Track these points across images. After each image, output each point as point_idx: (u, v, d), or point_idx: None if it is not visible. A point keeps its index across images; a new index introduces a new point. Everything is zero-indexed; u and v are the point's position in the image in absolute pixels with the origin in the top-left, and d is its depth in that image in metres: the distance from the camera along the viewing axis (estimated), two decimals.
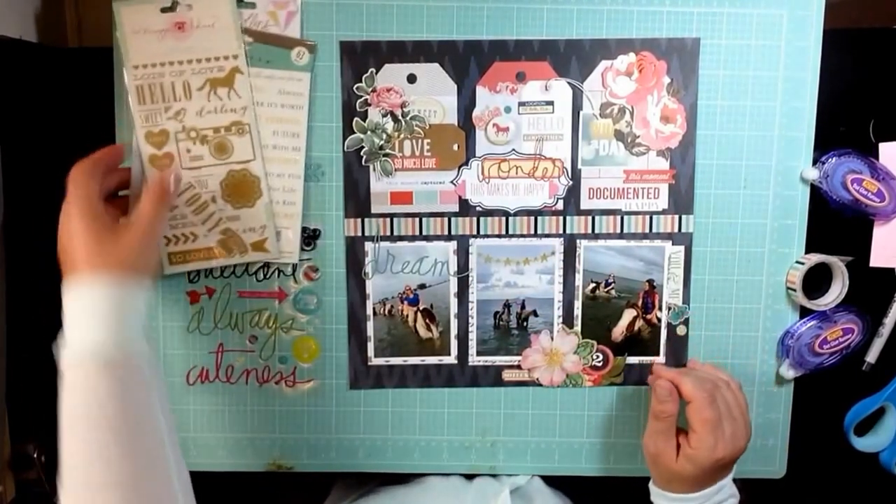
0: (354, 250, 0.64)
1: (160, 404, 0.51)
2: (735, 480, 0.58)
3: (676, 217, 0.64)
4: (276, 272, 0.64)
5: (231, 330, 0.64)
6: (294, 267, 0.64)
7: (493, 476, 0.67)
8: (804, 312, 0.65)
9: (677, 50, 0.62)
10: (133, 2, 0.60)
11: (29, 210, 0.63)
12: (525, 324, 0.65)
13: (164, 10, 0.59)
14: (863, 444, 0.66)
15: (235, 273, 0.64)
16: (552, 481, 0.68)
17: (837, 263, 0.63)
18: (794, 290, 0.63)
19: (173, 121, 0.60)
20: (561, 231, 0.64)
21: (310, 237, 0.63)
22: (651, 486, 0.59)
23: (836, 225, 0.64)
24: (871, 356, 0.65)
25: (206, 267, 0.62)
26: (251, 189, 0.62)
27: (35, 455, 0.65)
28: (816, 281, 0.64)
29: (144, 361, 0.51)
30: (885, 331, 0.65)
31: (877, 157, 0.63)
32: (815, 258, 0.63)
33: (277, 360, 0.65)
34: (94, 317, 0.50)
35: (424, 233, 0.64)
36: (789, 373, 0.64)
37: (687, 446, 0.56)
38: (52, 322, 0.65)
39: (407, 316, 0.65)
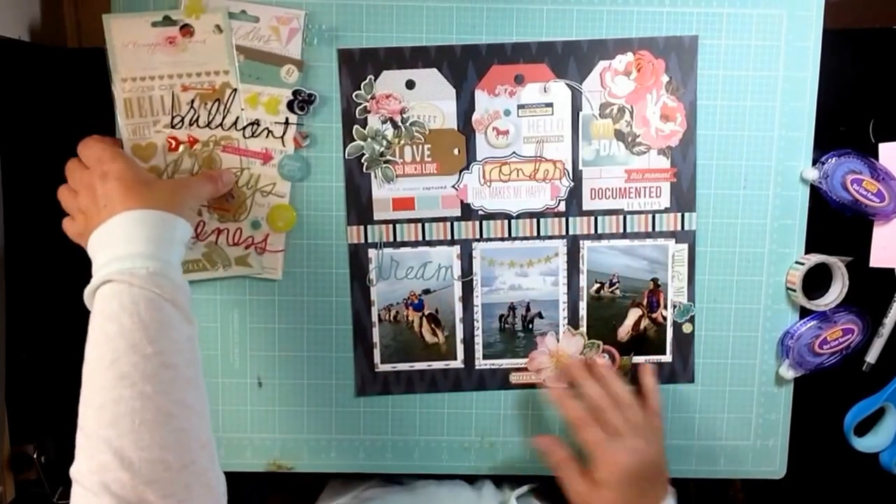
0: (358, 257, 0.64)
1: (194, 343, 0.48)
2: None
3: (679, 215, 0.64)
4: (266, 132, 0.61)
5: None
6: (284, 129, 0.61)
7: (496, 485, 0.67)
8: (804, 313, 0.65)
9: (675, 48, 0.62)
10: (123, 15, 0.59)
11: (29, 210, 0.63)
12: (530, 326, 0.65)
13: (154, 25, 0.59)
14: (863, 444, 0.66)
15: (223, 126, 0.61)
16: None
17: (837, 264, 0.63)
18: (794, 291, 0.63)
19: (161, 134, 0.60)
20: (564, 232, 0.64)
21: (304, 101, 0.60)
22: None
23: (836, 225, 0.64)
24: (871, 356, 0.65)
25: (190, 279, 0.61)
26: (238, 204, 0.62)
27: (35, 455, 0.65)
28: (816, 281, 0.64)
29: (184, 293, 0.48)
30: (885, 331, 0.65)
31: (877, 158, 0.63)
32: (815, 258, 0.63)
33: (250, 224, 0.62)
34: (134, 239, 0.47)
35: (427, 238, 0.64)
36: (789, 373, 0.64)
37: (592, 473, 0.55)
38: (52, 322, 0.65)
39: (412, 321, 0.65)
